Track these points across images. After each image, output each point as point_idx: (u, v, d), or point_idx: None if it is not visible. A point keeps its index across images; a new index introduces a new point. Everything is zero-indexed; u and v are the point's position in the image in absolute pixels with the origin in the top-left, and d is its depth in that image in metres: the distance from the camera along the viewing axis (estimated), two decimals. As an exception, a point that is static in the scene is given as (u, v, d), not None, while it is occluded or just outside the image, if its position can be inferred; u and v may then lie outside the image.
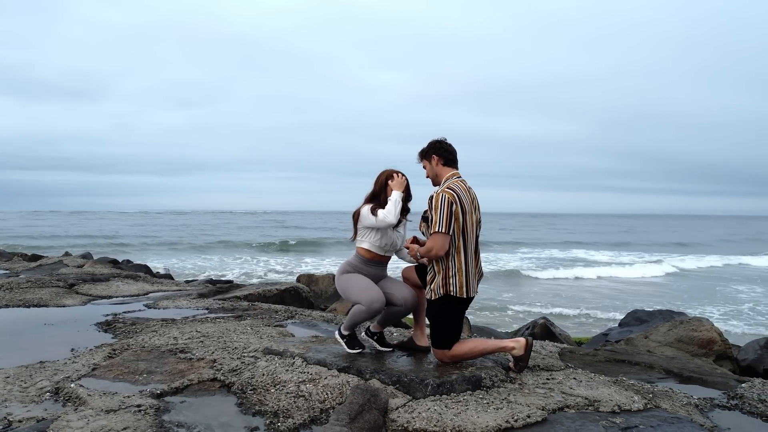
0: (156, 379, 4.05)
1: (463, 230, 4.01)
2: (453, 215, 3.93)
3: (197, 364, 4.37)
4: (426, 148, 4.24)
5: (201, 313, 6.80)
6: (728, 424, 3.62)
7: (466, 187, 4.12)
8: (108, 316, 6.42)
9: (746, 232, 73.29)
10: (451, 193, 3.98)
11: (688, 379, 4.64)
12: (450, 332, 4.09)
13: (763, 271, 28.14)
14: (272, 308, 7.33)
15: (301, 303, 9.13)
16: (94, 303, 7.56)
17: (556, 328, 7.82)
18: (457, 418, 3.26)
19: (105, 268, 11.66)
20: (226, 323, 6.01)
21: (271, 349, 4.56)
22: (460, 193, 4.01)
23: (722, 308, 16.45)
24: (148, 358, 4.54)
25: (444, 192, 3.99)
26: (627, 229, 75.50)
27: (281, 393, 3.70)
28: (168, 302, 7.57)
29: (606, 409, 3.57)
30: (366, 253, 4.39)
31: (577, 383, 4.05)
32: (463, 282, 4.01)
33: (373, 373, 3.90)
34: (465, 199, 4.02)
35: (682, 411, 3.72)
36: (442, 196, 3.97)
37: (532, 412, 3.36)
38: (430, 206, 4.04)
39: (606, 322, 13.22)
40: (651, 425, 3.32)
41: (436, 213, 3.96)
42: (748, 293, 19.91)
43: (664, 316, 7.57)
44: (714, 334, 6.21)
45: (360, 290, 4.23)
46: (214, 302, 7.73)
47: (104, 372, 4.21)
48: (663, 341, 6.35)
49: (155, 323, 5.93)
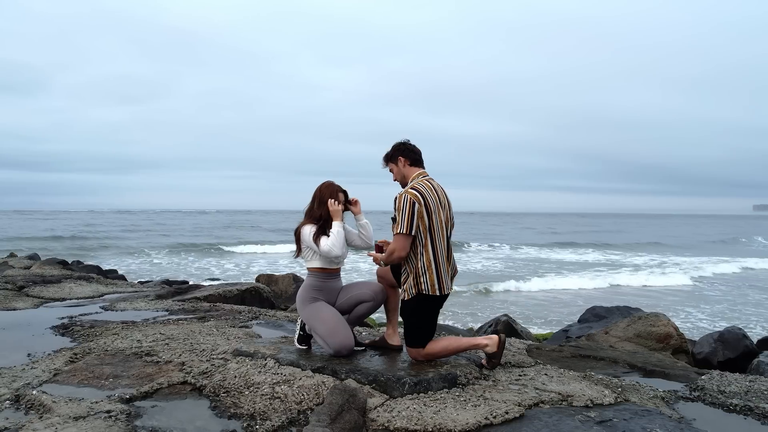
0: (123, 384, 3.90)
1: (430, 229, 4.03)
2: (416, 215, 3.96)
3: (165, 368, 4.24)
4: (391, 152, 4.28)
5: (161, 315, 6.61)
6: (693, 415, 3.75)
7: (432, 185, 4.14)
8: (64, 319, 6.17)
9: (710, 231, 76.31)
10: (414, 193, 4.01)
11: (651, 372, 4.79)
12: (424, 331, 4.10)
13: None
14: (235, 309, 7.19)
15: (262, 303, 9.00)
16: (47, 306, 7.25)
17: (517, 326, 7.97)
18: (437, 416, 3.27)
19: (55, 270, 11.20)
20: (190, 325, 5.86)
21: (241, 351, 4.47)
22: (425, 191, 4.04)
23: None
24: (113, 362, 4.37)
25: (407, 193, 4.02)
26: (599, 229, 75.24)
27: (256, 395, 3.63)
28: (125, 304, 7.33)
29: (579, 403, 3.64)
30: (320, 270, 4.37)
31: (549, 379, 4.13)
32: (434, 280, 4.03)
33: (349, 372, 3.87)
34: (430, 198, 4.04)
35: (650, 404, 3.84)
36: (404, 197, 4.01)
37: (509, 408, 3.40)
38: (394, 207, 4.07)
39: (566, 317, 13.51)
40: (624, 418, 3.41)
41: (399, 214, 4.00)
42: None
43: (621, 312, 7.83)
44: (671, 329, 6.45)
45: (328, 332, 4.18)
46: (174, 303, 7.54)
47: (67, 377, 4.03)
48: (623, 336, 6.55)
49: (115, 326, 5.73)
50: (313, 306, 4.32)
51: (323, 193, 4.32)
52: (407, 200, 3.95)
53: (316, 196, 4.35)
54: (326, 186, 4.36)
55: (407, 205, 3.94)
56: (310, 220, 4.33)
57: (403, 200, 3.97)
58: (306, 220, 4.35)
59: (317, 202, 4.31)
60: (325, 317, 4.24)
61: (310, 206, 4.38)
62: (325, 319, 4.23)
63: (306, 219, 4.37)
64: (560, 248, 40.45)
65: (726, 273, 26.01)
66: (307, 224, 4.30)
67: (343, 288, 4.50)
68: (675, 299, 17.79)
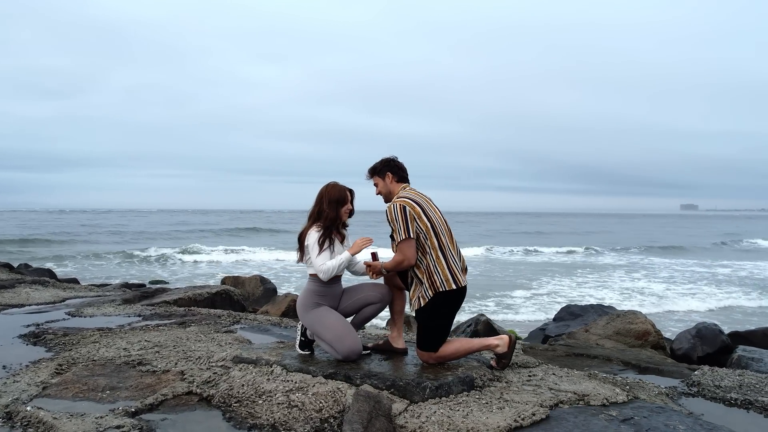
0: (124, 396, 3.67)
1: (432, 227, 4.02)
2: (410, 219, 3.98)
3: (164, 377, 4.01)
4: (379, 166, 4.29)
5: (136, 321, 6.29)
6: (699, 410, 3.86)
7: (417, 192, 4.22)
8: (30, 327, 5.76)
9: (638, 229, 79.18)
10: (401, 200, 4.06)
11: (645, 369, 4.91)
12: (440, 334, 4.05)
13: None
14: (212, 313, 6.93)
15: (233, 306, 8.74)
16: (4, 313, 6.77)
17: (496, 324, 8.02)
18: (468, 420, 3.22)
19: (2, 273, 10.50)
20: (173, 331, 5.59)
21: (242, 358, 4.29)
22: (413, 197, 4.11)
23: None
24: (105, 373, 4.11)
25: (394, 203, 4.07)
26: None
27: (271, 404, 3.48)
28: (93, 309, 6.94)
29: (596, 402, 3.67)
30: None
31: (559, 379, 4.15)
32: (447, 274, 4.00)
33: (364, 378, 3.77)
34: (420, 200, 4.09)
35: (658, 400, 3.92)
36: (393, 206, 4.05)
37: (535, 410, 3.38)
38: (387, 220, 4.03)
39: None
40: (643, 416, 3.46)
41: (394, 224, 4.01)
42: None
43: (596, 310, 8.03)
44: (648, 326, 6.65)
45: (336, 338, 4.05)
46: (144, 308, 7.20)
47: (59, 390, 3.75)
48: (603, 334, 6.70)
49: (91, 333, 5.40)
50: (316, 311, 4.18)
51: (330, 194, 4.17)
52: (397, 208, 3.99)
53: (321, 198, 4.19)
54: (332, 187, 4.20)
55: (398, 211, 3.97)
56: (315, 223, 4.18)
57: (394, 209, 4.00)
58: (310, 224, 4.20)
59: (326, 202, 4.15)
60: (331, 323, 4.12)
61: (314, 208, 4.21)
62: (332, 325, 4.11)
63: (310, 222, 4.21)
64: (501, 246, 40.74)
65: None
66: (313, 229, 4.15)
67: (346, 290, 4.37)
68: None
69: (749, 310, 15.63)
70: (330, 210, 4.12)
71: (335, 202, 4.14)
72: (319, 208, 4.17)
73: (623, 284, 20.47)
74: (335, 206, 4.14)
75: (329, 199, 4.15)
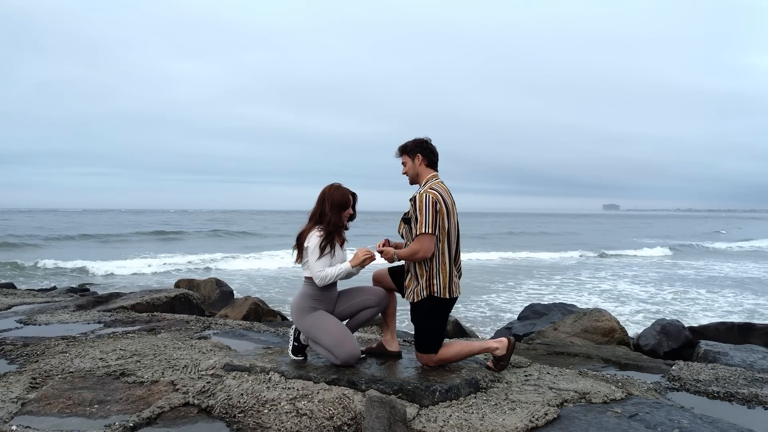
0: (116, 410, 3.43)
1: (448, 231, 3.98)
2: (438, 215, 3.88)
3: (155, 388, 3.79)
4: (411, 145, 4.13)
5: (97, 328, 5.94)
6: (688, 403, 4.00)
7: (446, 188, 4.10)
8: (-19, 338, 5.32)
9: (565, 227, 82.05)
10: (435, 193, 3.93)
11: (625, 366, 5.07)
12: (437, 336, 4.02)
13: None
14: (178, 318, 6.65)
15: (192, 310, 8.43)
16: (-55, 322, 6.23)
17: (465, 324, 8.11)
18: (485, 422, 3.20)
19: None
20: (144, 338, 5.31)
21: (234, 365, 4.11)
22: (443, 194, 3.99)
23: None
24: (88, 386, 3.83)
25: (428, 192, 3.93)
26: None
27: (278, 413, 3.35)
28: (46, 317, 6.50)
29: (597, 400, 3.75)
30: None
31: (554, 377, 4.21)
32: (446, 283, 3.97)
33: (369, 383, 3.69)
34: (447, 200, 3.99)
35: (650, 396, 4.05)
36: (426, 196, 3.90)
37: (546, 410, 3.41)
38: (414, 207, 3.94)
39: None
40: (646, 412, 3.55)
41: (421, 214, 3.87)
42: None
43: (559, 308, 8.24)
44: (614, 324, 6.88)
45: (334, 343, 3.94)
46: (102, 314, 6.81)
47: (42, 407, 3.46)
48: (571, 332, 6.88)
49: (56, 342, 5.04)
50: (313, 316, 4.07)
51: (333, 197, 4.04)
52: (429, 200, 3.85)
53: (323, 200, 4.06)
54: (335, 189, 4.07)
55: (430, 204, 3.84)
56: (316, 225, 4.06)
57: (425, 200, 3.86)
58: (311, 225, 4.07)
59: (328, 205, 4.03)
60: (330, 327, 4.01)
61: (315, 209, 4.09)
62: (330, 329, 4.00)
63: (311, 224, 4.08)
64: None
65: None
66: (315, 231, 4.02)
67: (342, 294, 4.27)
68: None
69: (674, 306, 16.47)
70: (333, 215, 4.00)
71: (338, 206, 4.02)
72: (321, 210, 4.05)
73: (570, 284, 21.18)
74: (337, 210, 4.03)
75: (332, 202, 4.02)
